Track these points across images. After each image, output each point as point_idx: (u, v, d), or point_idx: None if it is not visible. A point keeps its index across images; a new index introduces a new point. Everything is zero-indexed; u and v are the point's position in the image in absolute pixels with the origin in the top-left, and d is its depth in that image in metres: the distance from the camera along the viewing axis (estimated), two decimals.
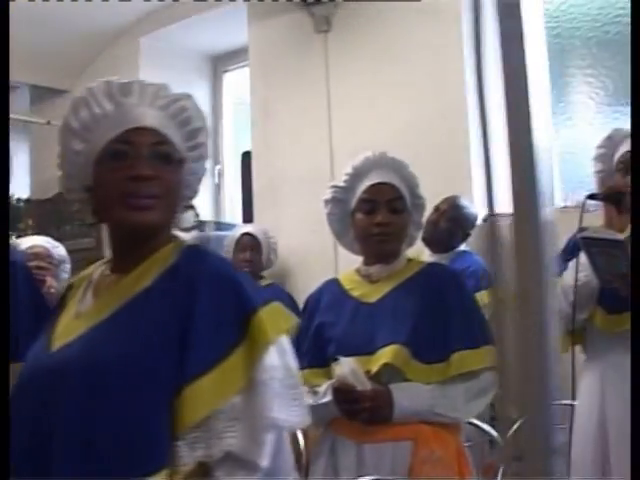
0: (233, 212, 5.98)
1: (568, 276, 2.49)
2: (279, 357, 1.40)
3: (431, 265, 2.49)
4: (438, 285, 2.36)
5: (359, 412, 2.21)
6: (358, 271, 2.48)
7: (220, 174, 6.13)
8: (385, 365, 2.23)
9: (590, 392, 2.52)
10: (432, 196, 4.02)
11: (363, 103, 4.80)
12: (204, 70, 6.26)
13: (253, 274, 4.73)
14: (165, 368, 1.33)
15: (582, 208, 2.43)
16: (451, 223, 3.94)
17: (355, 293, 2.44)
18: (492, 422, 3.93)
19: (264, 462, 1.34)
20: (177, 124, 1.53)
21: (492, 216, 2.52)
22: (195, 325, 1.34)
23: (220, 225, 5.51)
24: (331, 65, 4.97)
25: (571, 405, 2.57)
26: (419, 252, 4.04)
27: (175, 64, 6.08)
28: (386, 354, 2.24)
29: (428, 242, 4.00)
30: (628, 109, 4.24)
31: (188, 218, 1.57)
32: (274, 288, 4.65)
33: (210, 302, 1.37)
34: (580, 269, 2.46)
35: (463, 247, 4.07)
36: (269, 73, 5.30)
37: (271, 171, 5.15)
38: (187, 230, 1.57)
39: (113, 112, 1.48)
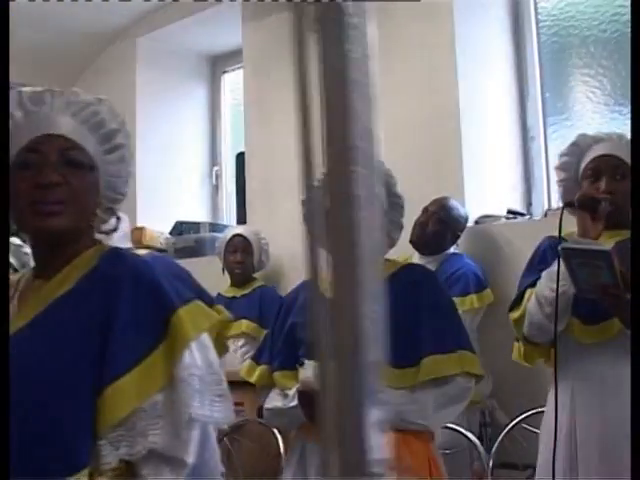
0: (231, 213, 5.93)
1: (543, 286, 2.38)
2: (200, 354, 1.42)
3: (407, 266, 2.42)
4: (412, 287, 2.29)
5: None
6: None
7: (218, 175, 6.09)
8: None
9: (560, 403, 2.41)
10: (423, 197, 4.03)
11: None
12: (203, 71, 6.22)
13: (244, 276, 4.70)
14: (85, 369, 1.36)
15: (561, 216, 2.34)
16: (440, 225, 3.87)
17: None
18: (481, 428, 3.88)
19: (189, 458, 1.37)
20: (89, 128, 1.53)
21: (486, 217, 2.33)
22: (115, 326, 1.38)
23: (215, 226, 5.46)
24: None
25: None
26: (408, 255, 3.99)
27: (173, 65, 6.06)
28: None
29: (416, 244, 3.94)
30: (625, 109, 4.16)
31: (111, 221, 1.57)
32: (265, 290, 4.59)
33: (130, 303, 1.40)
34: (555, 278, 2.36)
35: (453, 249, 4.02)
36: (263, 73, 5.25)
37: (265, 172, 5.09)
38: (107, 233, 1.55)
39: (23, 121, 1.51)
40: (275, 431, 3.32)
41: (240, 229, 4.84)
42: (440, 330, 2.23)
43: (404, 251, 3.95)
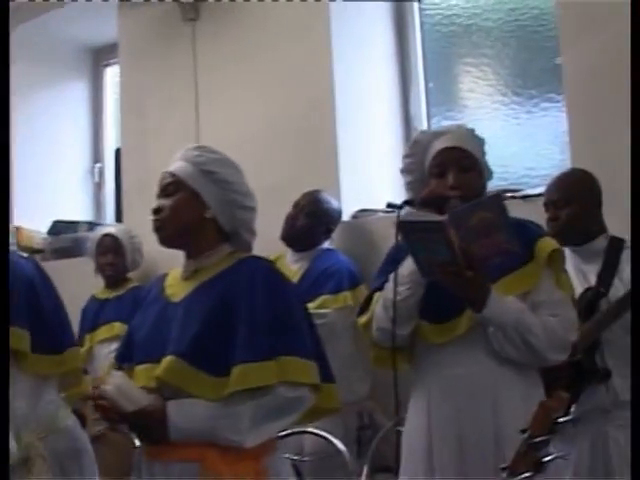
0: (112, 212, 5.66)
1: (389, 289, 2.24)
2: None
3: (243, 260, 2.13)
4: (236, 285, 2.04)
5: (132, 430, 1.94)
6: None
7: (101, 172, 5.82)
8: (158, 379, 1.96)
9: (417, 410, 2.29)
10: (299, 191, 3.86)
11: (231, 95, 4.57)
12: (84, 64, 5.94)
13: (117, 277, 4.46)
14: None
15: (397, 217, 2.17)
16: (311, 219, 3.74)
17: (169, 291, 2.19)
18: (359, 432, 3.69)
19: None
20: None
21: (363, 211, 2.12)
22: None
23: (93, 226, 5.18)
24: (199, 55, 4.73)
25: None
26: (281, 252, 3.80)
27: (52, 57, 5.76)
28: (161, 366, 1.97)
29: (287, 240, 3.78)
30: (508, 99, 4.05)
31: None
32: (137, 291, 4.33)
33: None
34: (402, 281, 2.20)
35: (327, 245, 3.84)
36: (137, 65, 5.03)
37: (139, 169, 4.84)
38: None
39: None
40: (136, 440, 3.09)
41: (110, 229, 4.61)
42: (254, 335, 1.97)
43: (279, 248, 3.79)
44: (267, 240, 3.74)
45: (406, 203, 2.26)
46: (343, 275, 3.64)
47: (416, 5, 4.47)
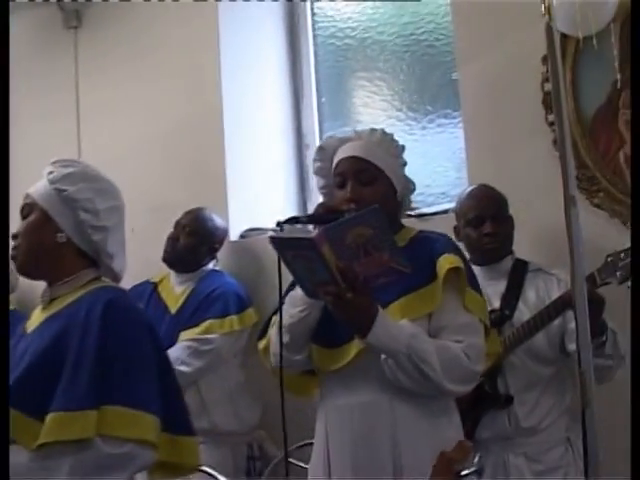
0: None
1: (284, 312, 2.14)
2: None
3: (93, 291, 1.99)
4: (74, 320, 1.91)
5: None
6: None
7: None
8: None
9: (318, 439, 2.22)
10: (184, 210, 3.75)
11: (115, 106, 4.45)
12: None
13: None
14: None
15: (280, 228, 2.09)
16: (192, 238, 3.66)
17: (29, 321, 2.08)
18: (249, 463, 3.58)
19: None
20: None
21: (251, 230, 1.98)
22: None
23: None
24: (81, 64, 4.59)
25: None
26: (166, 273, 3.67)
27: None
28: None
29: (168, 261, 3.68)
30: (403, 114, 4.03)
31: None
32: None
33: None
34: (297, 303, 2.11)
35: (212, 266, 3.75)
36: (16, 74, 4.78)
37: (13, 185, 4.60)
38: None
39: None
40: None
41: None
42: (77, 379, 1.81)
43: (166, 270, 3.69)
44: (152, 262, 3.66)
45: (294, 220, 2.16)
46: (229, 298, 3.55)
47: (309, 18, 4.42)
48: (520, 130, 3.25)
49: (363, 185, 2.17)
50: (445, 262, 2.11)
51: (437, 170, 3.89)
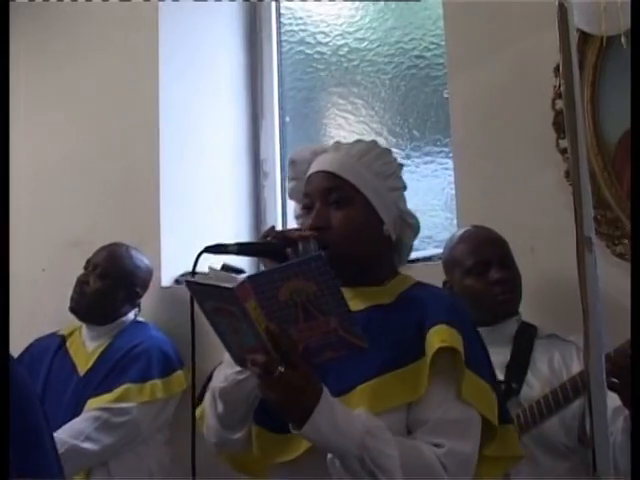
0: None
1: (218, 373, 1.95)
2: None
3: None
4: None
5: None
6: None
7: None
8: None
9: None
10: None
11: (29, 117, 4.44)
12: None
13: None
14: None
15: (195, 263, 1.88)
16: (106, 281, 3.53)
17: None
18: None
19: None
20: None
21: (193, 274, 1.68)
22: None
23: None
24: (13, 71, 4.51)
25: None
26: (77, 325, 3.49)
27: None
28: None
29: (76, 311, 3.54)
30: (384, 140, 3.90)
31: None
32: None
33: None
34: (230, 362, 1.88)
35: (133, 315, 3.61)
36: None
37: None
38: None
39: None
40: None
41: None
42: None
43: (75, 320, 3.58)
44: (64, 310, 3.49)
45: (219, 249, 1.90)
46: (152, 357, 3.38)
47: (274, 19, 4.37)
48: (524, 159, 3.11)
49: (332, 208, 1.97)
50: (436, 337, 1.86)
51: (423, 209, 3.74)
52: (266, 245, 1.92)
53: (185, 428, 2.17)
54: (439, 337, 1.84)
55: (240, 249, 1.92)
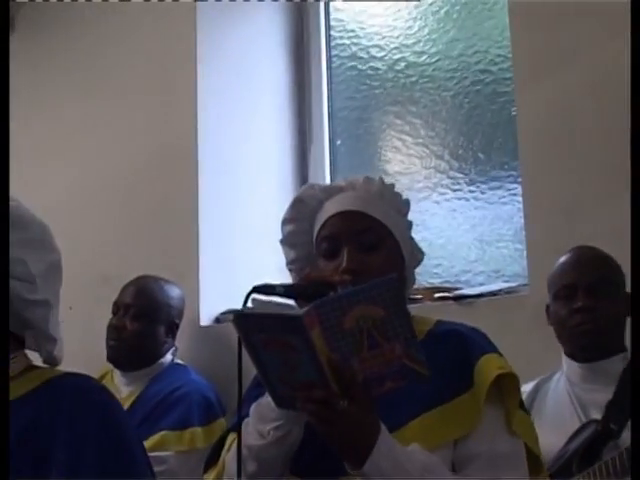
0: None
1: (249, 427, 1.98)
2: None
3: (57, 380, 1.94)
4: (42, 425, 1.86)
5: None
6: None
7: None
8: None
9: None
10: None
11: (51, 138, 4.53)
12: None
13: None
14: None
15: (244, 302, 1.90)
16: (144, 321, 3.64)
17: None
18: None
19: None
20: None
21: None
22: None
23: None
24: (13, 79, 4.59)
25: None
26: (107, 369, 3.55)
27: None
28: None
29: (115, 360, 3.64)
30: (445, 163, 3.98)
31: None
32: None
33: None
34: (268, 416, 1.93)
35: (170, 357, 3.70)
36: None
37: None
38: None
39: None
40: None
41: None
42: None
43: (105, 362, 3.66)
44: (94, 353, 3.57)
45: (260, 290, 1.98)
46: (193, 403, 3.45)
47: (323, 32, 4.44)
48: (601, 183, 3.14)
49: (365, 250, 2.04)
50: (490, 364, 1.95)
51: (489, 239, 3.80)
52: (310, 288, 1.96)
53: None
54: (495, 364, 1.94)
55: (287, 291, 1.98)
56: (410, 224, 2.16)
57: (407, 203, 2.16)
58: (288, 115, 4.36)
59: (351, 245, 2.04)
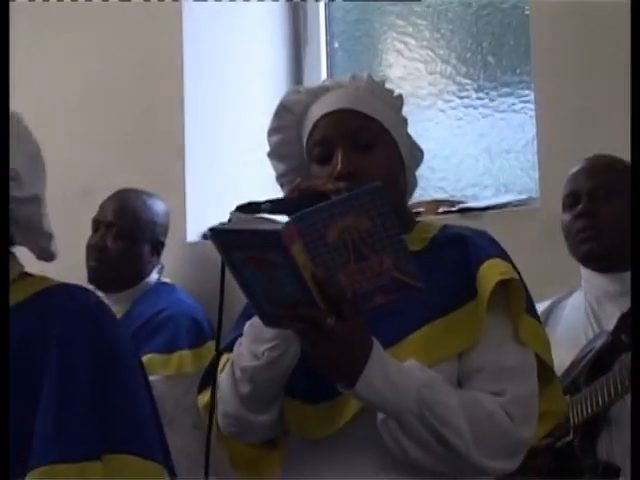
0: None
1: (242, 348, 2.04)
2: None
3: (52, 289, 2.07)
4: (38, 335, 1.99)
5: None
6: None
7: None
8: None
9: None
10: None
11: (34, 39, 4.49)
12: None
13: None
14: None
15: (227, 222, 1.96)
16: (127, 241, 3.69)
17: None
18: None
19: None
20: None
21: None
22: None
23: None
24: None
25: None
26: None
27: None
28: None
29: (98, 281, 3.64)
30: (454, 69, 4.00)
31: None
32: None
33: None
34: (263, 336, 1.97)
35: (156, 276, 3.73)
36: None
37: None
38: None
39: None
40: None
41: None
42: (59, 418, 1.96)
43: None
44: (77, 268, 3.61)
45: (253, 207, 2.02)
46: (180, 325, 3.50)
47: None
48: (622, 90, 3.12)
49: (360, 151, 2.05)
50: (492, 270, 1.98)
51: (497, 149, 3.83)
52: (300, 200, 1.95)
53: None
54: (496, 270, 1.96)
55: (274, 207, 2.00)
56: (405, 120, 2.17)
57: (400, 98, 2.17)
58: (281, 15, 4.35)
59: (345, 146, 2.04)
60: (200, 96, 4.12)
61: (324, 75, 4.34)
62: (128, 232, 3.67)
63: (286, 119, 2.16)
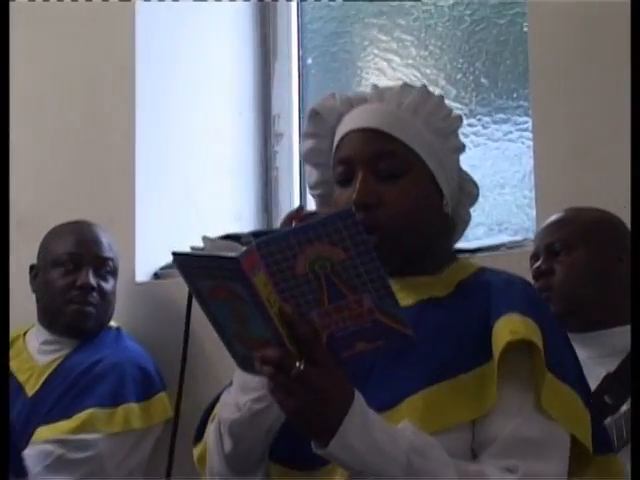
0: None
1: (228, 399, 2.05)
2: None
3: None
4: None
5: None
6: None
7: None
8: None
9: None
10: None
11: None
12: None
13: None
14: None
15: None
16: (115, 278, 3.76)
17: None
18: None
19: None
20: None
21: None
22: None
23: None
24: None
25: None
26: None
27: None
28: None
29: (83, 328, 3.66)
30: (441, 88, 4.01)
31: None
32: None
33: None
34: (249, 385, 1.98)
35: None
36: None
37: None
38: None
39: None
40: None
41: None
42: None
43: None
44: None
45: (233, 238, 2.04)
46: (126, 375, 3.51)
47: None
48: (627, 119, 3.18)
49: (382, 179, 2.04)
50: (505, 329, 1.91)
51: (490, 184, 3.85)
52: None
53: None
54: (509, 328, 1.88)
55: (255, 236, 2.00)
56: (458, 148, 2.13)
57: (456, 121, 2.13)
58: (248, 25, 4.38)
59: (366, 171, 2.03)
60: (154, 112, 4.15)
61: (295, 93, 4.35)
62: (115, 269, 3.72)
63: (318, 126, 2.15)
